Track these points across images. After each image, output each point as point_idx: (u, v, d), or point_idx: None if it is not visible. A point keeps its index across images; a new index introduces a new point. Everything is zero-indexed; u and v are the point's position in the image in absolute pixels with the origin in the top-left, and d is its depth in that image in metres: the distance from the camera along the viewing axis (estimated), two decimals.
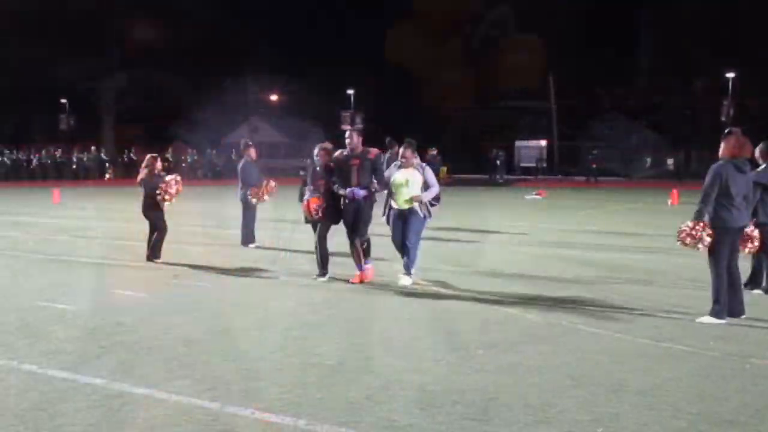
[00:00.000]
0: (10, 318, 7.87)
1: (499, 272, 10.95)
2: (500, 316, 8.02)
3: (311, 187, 10.07)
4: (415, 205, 9.70)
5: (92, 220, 19.70)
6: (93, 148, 49.27)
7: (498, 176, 45.24)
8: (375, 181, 9.78)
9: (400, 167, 9.87)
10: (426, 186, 9.81)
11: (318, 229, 10.10)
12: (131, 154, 49.31)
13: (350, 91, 55.11)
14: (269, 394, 5.43)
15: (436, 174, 11.60)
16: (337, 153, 9.96)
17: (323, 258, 10.16)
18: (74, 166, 46.58)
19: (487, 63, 60.97)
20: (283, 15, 63.85)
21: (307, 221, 10.28)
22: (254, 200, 13.50)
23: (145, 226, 12.00)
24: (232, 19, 59.49)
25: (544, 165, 53.97)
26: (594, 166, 45.08)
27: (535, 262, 12.05)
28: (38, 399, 5.34)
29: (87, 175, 45.85)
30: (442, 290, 9.52)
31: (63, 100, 56.10)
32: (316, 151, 10.09)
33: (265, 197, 13.61)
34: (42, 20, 53.25)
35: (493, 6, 60.94)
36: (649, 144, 58.28)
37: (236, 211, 14.46)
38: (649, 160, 55.08)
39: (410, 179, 9.73)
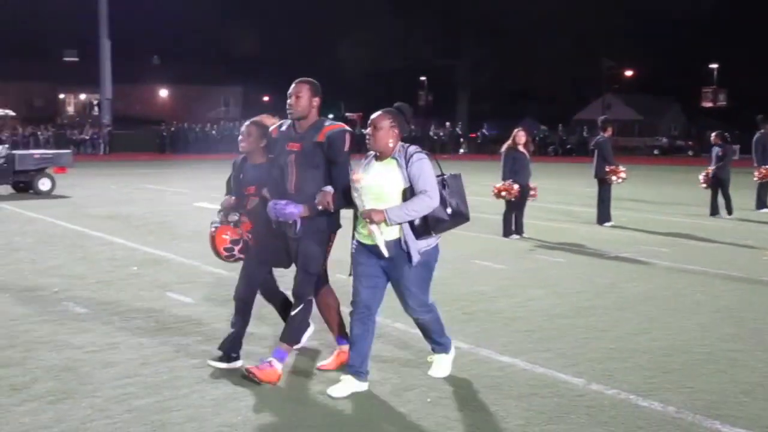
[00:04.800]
0: None
1: None
2: None
3: (228, 203, 5.46)
4: (374, 231, 4.77)
5: None
6: (447, 123, 51.50)
7: None
8: (326, 189, 5.00)
9: (369, 160, 4.99)
10: (409, 192, 4.80)
11: (249, 271, 5.45)
12: (483, 130, 50.83)
13: (713, 65, 51.61)
14: (634, 376, 5.28)
15: None
16: (273, 127, 5.40)
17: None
18: (435, 139, 49.09)
19: None
20: None
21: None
22: (613, 178, 13.21)
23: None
24: None
25: None
26: None
27: None
28: (415, 356, 5.71)
29: (443, 150, 48.09)
30: None
31: (422, 78, 59.31)
32: (242, 129, 5.42)
33: (622, 176, 13.24)
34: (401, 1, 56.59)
35: None
36: None
37: (590, 189, 14.27)
38: None
39: (377, 183, 4.83)
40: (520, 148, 11.82)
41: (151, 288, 7.98)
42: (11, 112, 19.83)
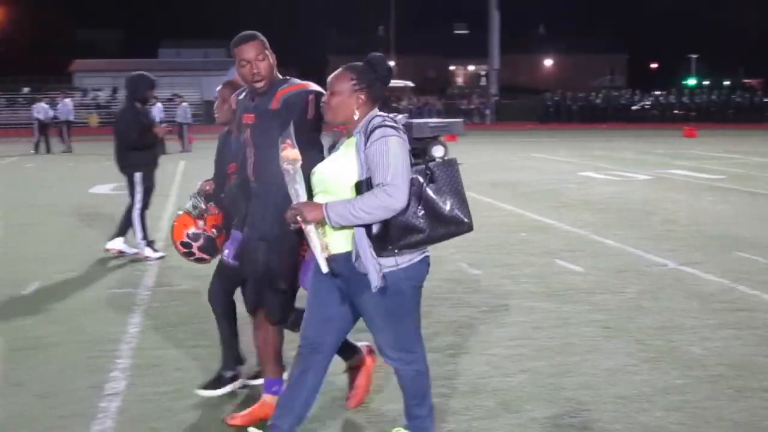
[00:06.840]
0: None
1: None
2: None
3: (203, 187, 4.45)
4: (311, 236, 3.21)
5: None
6: None
7: None
8: (298, 203, 3.32)
9: (336, 144, 3.42)
10: (364, 185, 3.15)
11: (219, 278, 4.33)
12: None
13: None
14: None
15: None
16: (233, 96, 4.02)
17: (228, 345, 4.38)
18: None
19: None
20: None
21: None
22: None
23: None
24: None
25: None
26: None
27: None
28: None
29: None
30: None
31: None
32: (217, 91, 4.37)
33: None
34: None
35: None
36: None
37: None
38: None
39: (322, 168, 3.31)
40: None
41: (539, 254, 8.04)
42: (410, 83, 21.34)
